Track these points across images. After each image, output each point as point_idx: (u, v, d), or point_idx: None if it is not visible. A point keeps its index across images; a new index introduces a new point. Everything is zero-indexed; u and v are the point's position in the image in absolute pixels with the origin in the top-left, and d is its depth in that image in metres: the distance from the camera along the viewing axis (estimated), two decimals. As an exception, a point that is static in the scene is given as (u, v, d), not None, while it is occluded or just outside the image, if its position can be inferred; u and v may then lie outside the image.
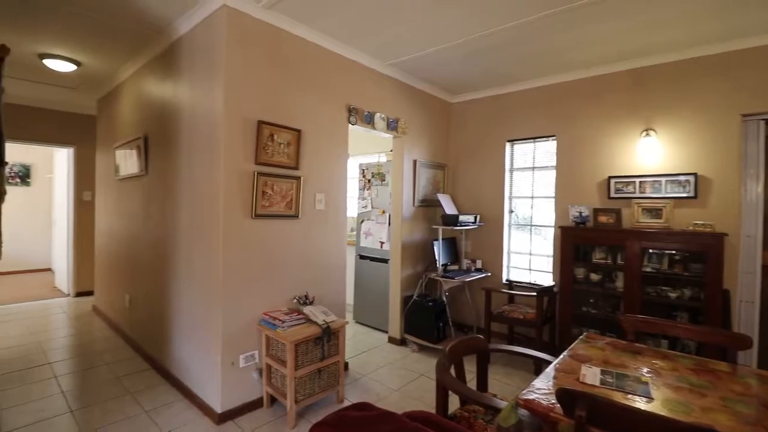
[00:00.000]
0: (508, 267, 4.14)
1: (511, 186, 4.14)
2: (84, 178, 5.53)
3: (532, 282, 3.90)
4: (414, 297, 3.80)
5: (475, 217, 4.02)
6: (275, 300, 2.72)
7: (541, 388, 1.42)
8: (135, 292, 3.71)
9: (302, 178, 2.83)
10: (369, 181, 4.44)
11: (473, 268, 4.07)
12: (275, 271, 2.71)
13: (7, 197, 1.90)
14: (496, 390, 2.63)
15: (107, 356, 3.50)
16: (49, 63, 3.59)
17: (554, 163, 3.78)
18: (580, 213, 3.41)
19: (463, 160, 4.41)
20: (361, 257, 4.50)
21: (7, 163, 2.31)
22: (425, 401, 2.79)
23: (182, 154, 2.87)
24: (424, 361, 3.50)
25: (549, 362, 1.73)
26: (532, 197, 4.01)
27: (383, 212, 4.26)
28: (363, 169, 4.52)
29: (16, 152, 6.92)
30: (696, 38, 2.85)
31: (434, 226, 4.02)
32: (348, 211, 3.43)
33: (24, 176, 7.21)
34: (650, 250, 3.04)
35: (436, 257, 3.81)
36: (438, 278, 3.70)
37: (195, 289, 2.71)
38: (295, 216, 2.81)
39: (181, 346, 2.88)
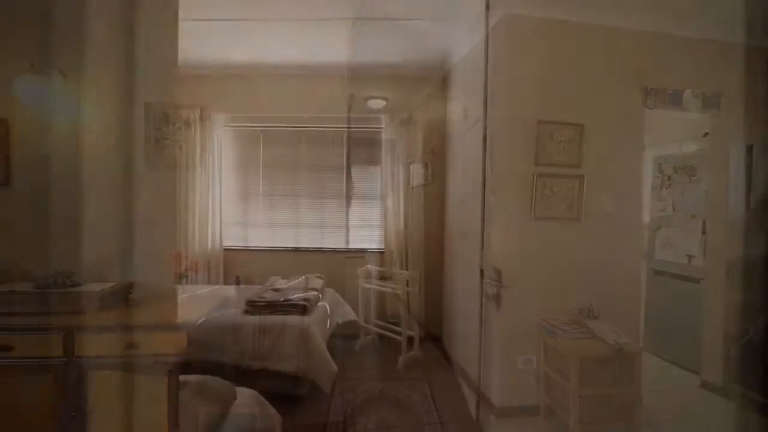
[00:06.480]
0: None
1: None
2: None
3: None
4: (750, 334, 2.72)
5: None
6: (554, 307, 2.57)
7: None
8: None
9: (584, 177, 2.56)
10: (669, 177, 3.55)
11: None
12: (554, 276, 2.57)
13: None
14: None
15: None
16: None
17: None
18: None
19: None
20: (657, 272, 3.64)
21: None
22: (782, 488, 1.93)
23: (457, 164, 3.19)
24: (771, 428, 2.45)
25: None
26: None
27: (692, 217, 3.29)
28: (660, 163, 3.66)
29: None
30: None
31: (791, 237, 2.76)
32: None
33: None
34: None
35: (796, 283, 2.60)
36: (801, 314, 2.51)
37: (476, 284, 2.92)
38: (577, 219, 2.58)
39: (464, 331, 3.19)
